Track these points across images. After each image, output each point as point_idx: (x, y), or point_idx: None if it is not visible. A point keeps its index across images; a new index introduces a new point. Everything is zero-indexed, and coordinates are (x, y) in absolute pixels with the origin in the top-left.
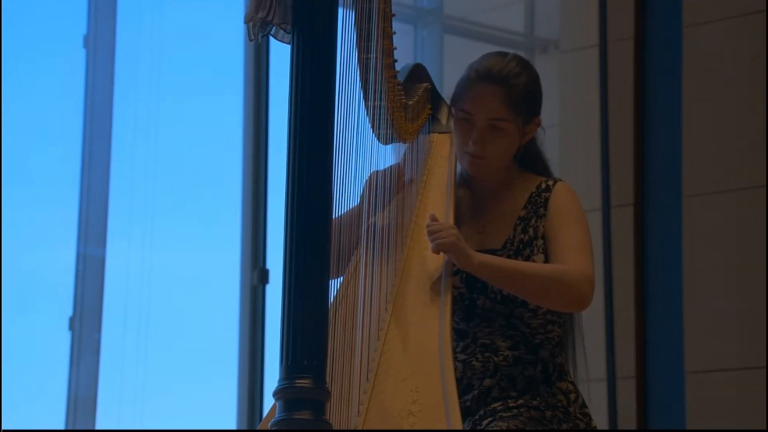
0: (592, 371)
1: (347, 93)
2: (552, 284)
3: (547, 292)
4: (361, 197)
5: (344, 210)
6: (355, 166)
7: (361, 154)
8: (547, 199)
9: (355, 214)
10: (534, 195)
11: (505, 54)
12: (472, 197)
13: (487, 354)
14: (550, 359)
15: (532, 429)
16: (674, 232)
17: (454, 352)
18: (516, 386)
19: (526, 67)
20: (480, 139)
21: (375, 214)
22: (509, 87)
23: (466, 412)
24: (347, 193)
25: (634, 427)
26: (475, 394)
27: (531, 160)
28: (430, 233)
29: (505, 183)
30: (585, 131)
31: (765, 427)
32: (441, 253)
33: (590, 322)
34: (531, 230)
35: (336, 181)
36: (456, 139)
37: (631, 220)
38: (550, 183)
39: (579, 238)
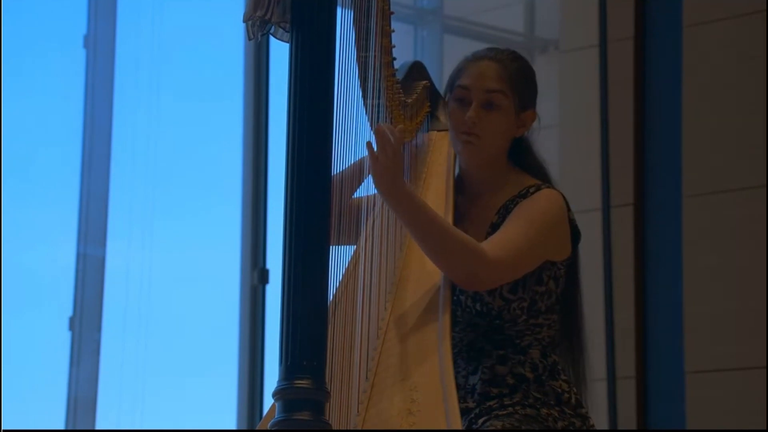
0: (592, 371)
1: (346, 91)
2: (450, 246)
3: (444, 252)
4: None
5: (343, 208)
6: None
7: (361, 153)
8: (518, 204)
9: (356, 170)
10: (509, 202)
11: (498, 47)
12: (462, 198)
13: (472, 353)
14: (540, 359)
15: (528, 428)
16: (674, 232)
17: None
18: (505, 383)
19: (521, 56)
20: (476, 113)
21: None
22: (504, 65)
23: (461, 412)
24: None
25: (634, 427)
26: (461, 394)
27: (527, 161)
28: (387, 135)
29: (493, 184)
30: (585, 131)
31: (765, 427)
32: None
33: (590, 322)
34: None
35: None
36: (452, 123)
37: (631, 220)
38: (533, 189)
39: (518, 236)
